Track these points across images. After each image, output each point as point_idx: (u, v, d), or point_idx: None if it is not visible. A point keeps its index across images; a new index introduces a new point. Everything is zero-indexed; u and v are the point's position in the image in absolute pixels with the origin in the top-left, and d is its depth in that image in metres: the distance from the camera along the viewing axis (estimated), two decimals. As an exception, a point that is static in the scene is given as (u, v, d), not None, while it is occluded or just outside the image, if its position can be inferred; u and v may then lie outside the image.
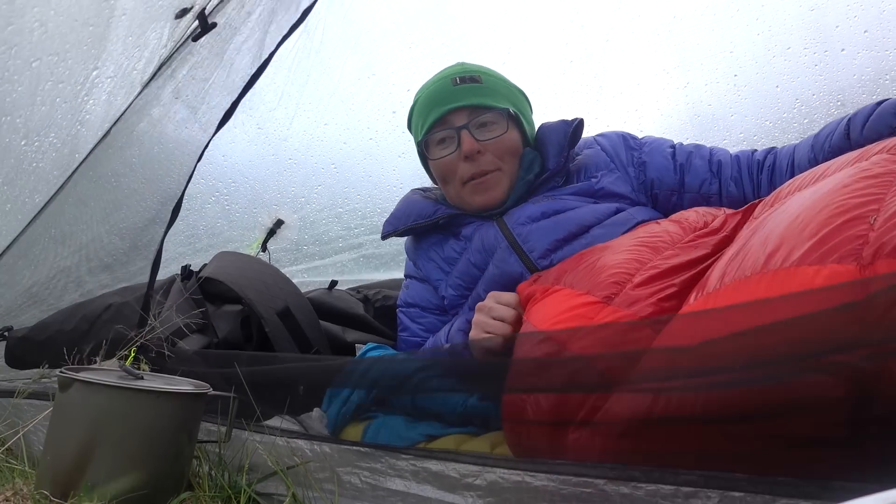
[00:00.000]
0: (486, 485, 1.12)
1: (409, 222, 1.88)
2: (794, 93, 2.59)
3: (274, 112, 2.82)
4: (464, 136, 1.75)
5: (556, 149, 1.79)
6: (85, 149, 1.99)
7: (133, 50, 1.80)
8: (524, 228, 1.69)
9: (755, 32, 2.59)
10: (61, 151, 1.92)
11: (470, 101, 1.77)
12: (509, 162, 1.79)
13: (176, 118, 1.93)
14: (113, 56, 1.76)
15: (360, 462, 1.30)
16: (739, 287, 0.97)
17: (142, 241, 2.00)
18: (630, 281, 1.22)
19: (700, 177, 1.77)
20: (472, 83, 1.78)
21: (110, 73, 1.81)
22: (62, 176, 2.00)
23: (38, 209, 2.05)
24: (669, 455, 0.95)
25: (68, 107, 1.80)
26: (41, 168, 1.91)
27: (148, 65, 1.91)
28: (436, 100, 1.80)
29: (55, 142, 1.88)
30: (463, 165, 1.77)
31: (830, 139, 1.57)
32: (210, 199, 2.89)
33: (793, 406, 0.84)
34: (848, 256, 0.86)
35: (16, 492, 1.36)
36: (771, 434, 0.88)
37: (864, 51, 2.39)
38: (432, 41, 2.81)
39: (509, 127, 1.79)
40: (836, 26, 2.41)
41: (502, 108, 1.79)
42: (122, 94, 1.93)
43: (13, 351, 1.97)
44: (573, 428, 1.06)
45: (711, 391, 0.90)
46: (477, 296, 1.70)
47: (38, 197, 2.01)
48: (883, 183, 0.97)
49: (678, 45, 2.78)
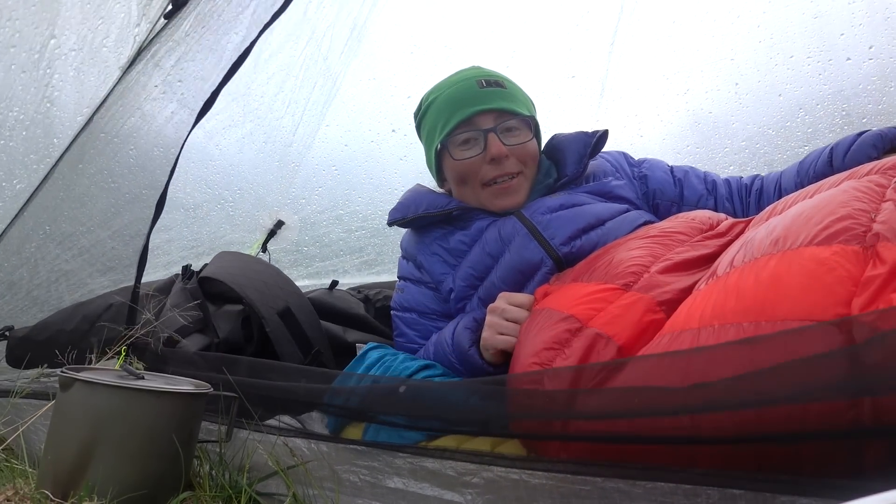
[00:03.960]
0: (484, 483, 1.12)
1: (420, 211, 1.85)
2: (797, 101, 2.57)
3: (281, 120, 2.83)
4: (491, 139, 1.75)
5: (576, 157, 1.83)
6: (63, 133, 1.95)
7: (95, 20, 1.72)
8: (544, 217, 1.70)
9: (757, 40, 2.59)
10: (32, 131, 1.84)
11: (498, 104, 1.78)
12: (530, 167, 1.82)
13: (174, 119, 1.92)
14: (71, 24, 1.68)
15: (359, 460, 1.30)
16: (748, 268, 1.02)
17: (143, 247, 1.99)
18: (647, 270, 1.28)
19: (697, 192, 1.85)
20: (498, 87, 1.80)
21: (73, 45, 1.75)
22: (41, 161, 1.95)
23: (19, 196, 2.00)
24: None
25: (28, 77, 1.74)
26: (13, 148, 1.85)
27: (120, 44, 1.84)
28: (461, 100, 1.79)
29: (21, 117, 1.81)
30: (486, 168, 1.77)
31: (815, 165, 1.70)
32: (216, 206, 2.89)
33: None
34: (852, 239, 0.94)
35: (16, 491, 1.36)
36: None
37: (869, 60, 2.38)
38: (434, 45, 2.82)
39: (532, 135, 1.83)
40: (840, 34, 2.40)
41: (526, 116, 1.82)
42: (94, 73, 1.86)
43: (14, 350, 1.98)
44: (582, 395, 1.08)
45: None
46: (490, 284, 1.69)
47: (17, 183, 1.95)
48: (879, 191, 1.07)
49: (678, 51, 2.79)
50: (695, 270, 1.25)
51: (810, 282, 0.91)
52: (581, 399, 1.06)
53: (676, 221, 1.51)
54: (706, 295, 1.06)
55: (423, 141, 1.94)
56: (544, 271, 1.63)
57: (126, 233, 2.04)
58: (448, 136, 1.81)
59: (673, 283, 1.21)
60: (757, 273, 0.99)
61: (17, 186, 1.99)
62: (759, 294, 0.95)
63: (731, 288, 1.01)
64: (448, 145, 1.82)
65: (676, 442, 0.95)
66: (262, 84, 2.64)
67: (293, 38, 2.53)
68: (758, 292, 0.96)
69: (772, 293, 0.94)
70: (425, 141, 1.92)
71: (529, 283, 1.63)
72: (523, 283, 1.64)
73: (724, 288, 1.03)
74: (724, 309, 0.98)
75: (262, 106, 2.72)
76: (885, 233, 0.92)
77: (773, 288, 0.94)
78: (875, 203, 1.03)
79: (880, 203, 1.03)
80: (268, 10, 1.64)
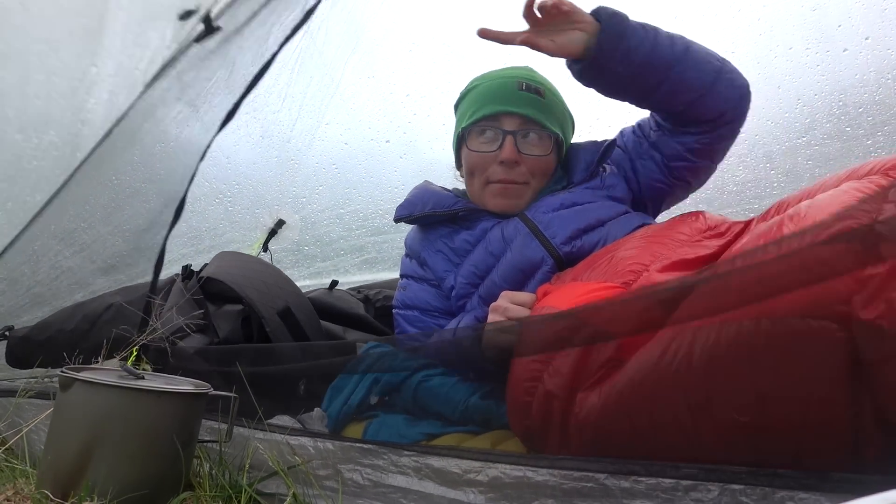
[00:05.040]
0: (488, 480, 1.12)
1: (427, 209, 1.86)
2: (795, 93, 2.57)
3: (278, 114, 2.82)
4: (507, 142, 1.76)
5: (584, 165, 1.84)
6: (87, 147, 2.00)
7: (134, 48, 1.80)
8: (545, 216, 1.71)
9: (757, 33, 2.58)
10: (63, 150, 1.93)
11: (528, 111, 1.78)
12: (539, 179, 1.82)
13: (178, 117, 1.93)
14: (112, 53, 1.76)
15: (363, 459, 1.30)
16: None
17: (145, 244, 2.00)
18: (647, 269, 1.28)
19: (633, 142, 1.88)
20: (536, 95, 1.81)
21: (110, 71, 1.82)
22: (64, 175, 2.00)
23: (38, 207, 2.05)
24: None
25: (66, 103, 1.80)
26: (42, 167, 1.92)
27: (151, 64, 1.91)
28: (495, 95, 1.81)
29: (55, 140, 1.88)
30: (495, 167, 1.78)
31: None
32: (213, 201, 2.89)
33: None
34: (853, 239, 0.92)
35: (17, 491, 1.37)
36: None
37: (865, 51, 2.38)
38: (433, 43, 2.82)
39: (551, 151, 1.82)
40: (838, 26, 2.40)
41: (553, 132, 1.82)
42: (124, 93, 1.93)
43: (14, 350, 1.98)
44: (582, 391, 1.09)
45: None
46: (491, 282, 1.70)
47: (38, 196, 2.01)
48: (881, 192, 1.05)
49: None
50: (694, 270, 1.24)
51: (811, 279, 0.90)
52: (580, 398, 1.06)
53: (676, 222, 1.52)
54: None
55: (456, 120, 1.96)
56: (545, 270, 1.63)
57: (125, 227, 2.05)
58: (471, 126, 1.82)
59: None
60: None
61: (38, 199, 2.06)
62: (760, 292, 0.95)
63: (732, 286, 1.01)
64: (469, 134, 1.83)
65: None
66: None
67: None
68: (758, 290, 0.95)
69: (773, 291, 0.93)
70: (456, 122, 1.94)
71: (530, 282, 1.64)
72: (524, 282, 1.64)
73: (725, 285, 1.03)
74: (724, 305, 0.98)
75: (255, 98, 2.72)
76: (886, 232, 0.91)
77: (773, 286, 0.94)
78: (876, 203, 1.03)
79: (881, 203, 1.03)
80: (287, 27, 1.65)
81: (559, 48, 1.57)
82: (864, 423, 0.83)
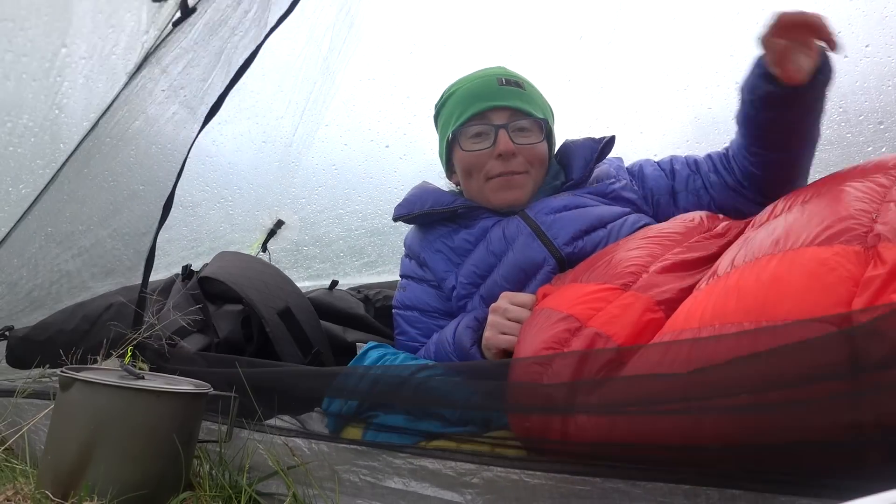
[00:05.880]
0: (484, 482, 1.12)
1: (426, 208, 1.87)
2: (796, 98, 2.58)
3: (281, 120, 2.83)
4: (501, 135, 1.78)
5: (582, 162, 1.86)
6: (69, 138, 1.96)
7: (106, 29, 1.75)
8: (548, 218, 1.72)
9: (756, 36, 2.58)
10: (40, 137, 1.87)
11: (513, 103, 1.81)
12: (537, 168, 1.84)
13: (175, 119, 1.92)
14: (82, 33, 1.71)
15: (359, 460, 1.30)
16: (749, 268, 1.03)
17: (144, 248, 1.99)
18: (646, 270, 1.29)
19: (683, 175, 1.86)
20: (517, 87, 1.83)
21: (83, 54, 1.77)
22: (47, 167, 1.97)
23: (25, 201, 2.02)
24: None
25: (39, 85, 1.77)
26: (21, 154, 1.87)
27: (129, 51, 1.87)
28: (478, 95, 1.83)
29: (30, 124, 1.84)
30: (493, 163, 1.79)
31: (739, 116, 1.74)
32: (215, 205, 2.89)
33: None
34: (853, 240, 0.95)
35: (17, 491, 1.36)
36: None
37: (866, 58, 2.38)
38: (433, 45, 2.82)
39: (543, 137, 1.84)
40: (838, 32, 2.40)
41: (540, 119, 1.84)
42: (102, 80, 1.88)
43: (14, 351, 1.98)
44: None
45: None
46: (493, 282, 1.70)
47: (23, 188, 1.97)
48: (881, 191, 1.09)
49: (678, 48, 2.78)
50: (693, 271, 1.26)
51: (811, 282, 0.91)
52: (581, 397, 1.06)
53: (675, 223, 1.52)
54: (707, 295, 1.06)
55: (438, 131, 1.97)
56: (546, 270, 1.64)
57: (125, 231, 2.04)
58: (461, 128, 1.84)
59: (672, 283, 1.22)
60: (758, 273, 1.00)
61: (23, 191, 2.02)
62: (760, 294, 0.95)
63: (732, 288, 1.01)
64: (459, 136, 1.85)
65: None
66: (258, 80, 2.64)
67: (290, 36, 2.53)
68: (759, 292, 0.96)
69: (773, 293, 0.94)
70: (440, 131, 1.95)
71: (531, 283, 1.64)
72: (525, 283, 1.65)
73: (725, 288, 1.03)
74: (724, 309, 0.98)
75: (258, 103, 2.72)
76: (887, 233, 0.92)
77: (774, 288, 0.94)
78: (876, 203, 1.05)
79: (882, 203, 1.04)
80: (274, 15, 1.64)
81: (797, 71, 1.48)
82: (864, 427, 0.83)
